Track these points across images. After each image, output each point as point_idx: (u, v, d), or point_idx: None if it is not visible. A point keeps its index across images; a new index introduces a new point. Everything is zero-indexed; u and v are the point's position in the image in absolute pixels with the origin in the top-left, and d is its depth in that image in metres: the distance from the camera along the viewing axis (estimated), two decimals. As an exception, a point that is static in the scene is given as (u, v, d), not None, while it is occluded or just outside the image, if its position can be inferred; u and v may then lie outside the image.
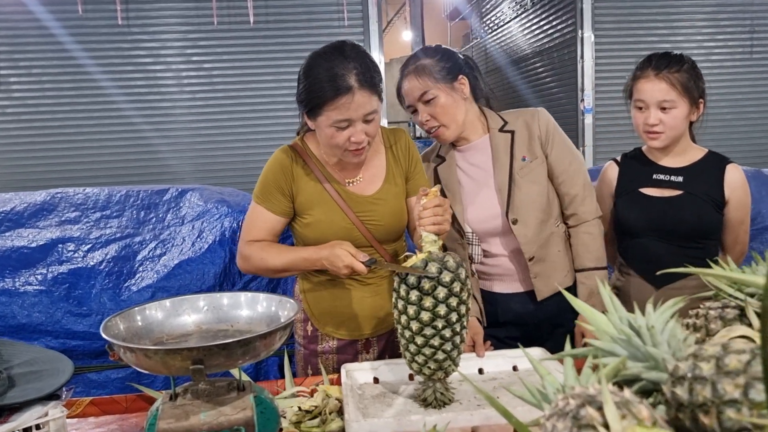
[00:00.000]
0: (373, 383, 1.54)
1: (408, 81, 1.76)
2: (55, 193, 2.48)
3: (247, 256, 1.64)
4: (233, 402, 0.96)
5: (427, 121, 1.75)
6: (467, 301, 1.29)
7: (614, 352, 0.79)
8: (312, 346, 1.78)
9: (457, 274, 1.25)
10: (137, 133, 5.71)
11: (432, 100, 1.73)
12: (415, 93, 1.74)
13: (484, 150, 1.82)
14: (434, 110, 1.74)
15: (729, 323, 1.00)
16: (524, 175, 1.77)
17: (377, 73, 1.51)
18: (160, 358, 0.86)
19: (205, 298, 1.10)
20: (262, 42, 5.72)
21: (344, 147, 1.53)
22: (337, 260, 1.47)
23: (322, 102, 1.47)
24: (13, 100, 5.58)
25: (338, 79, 1.44)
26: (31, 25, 5.48)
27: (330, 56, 1.48)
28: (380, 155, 1.72)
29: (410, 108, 1.79)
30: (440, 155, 1.89)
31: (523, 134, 1.80)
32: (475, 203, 1.82)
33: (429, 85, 1.73)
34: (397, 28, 11.73)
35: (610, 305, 0.84)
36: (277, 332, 0.95)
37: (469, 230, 1.82)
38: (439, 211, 1.32)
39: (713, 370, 0.63)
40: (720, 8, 6.21)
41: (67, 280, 2.18)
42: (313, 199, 1.64)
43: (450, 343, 1.27)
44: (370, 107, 1.49)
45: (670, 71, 1.77)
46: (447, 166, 1.86)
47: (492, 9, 8.90)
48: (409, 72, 1.76)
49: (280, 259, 1.61)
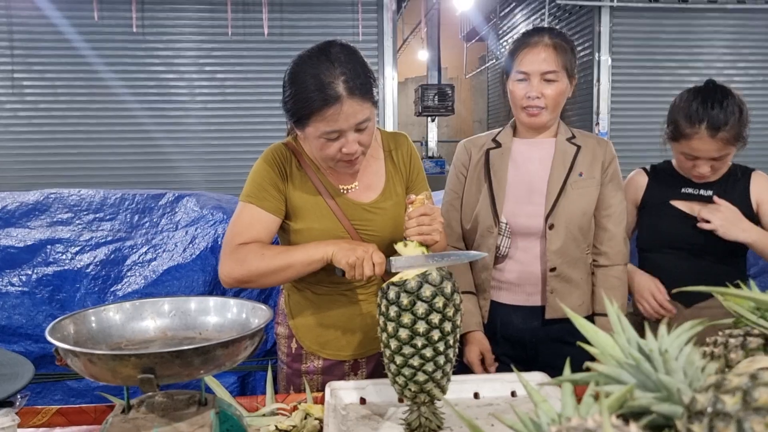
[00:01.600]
0: (359, 404, 1.43)
1: (543, 50, 1.69)
2: (49, 194, 2.42)
3: (242, 259, 1.42)
4: (191, 417, 0.86)
5: (537, 97, 1.70)
6: (454, 317, 1.17)
7: (620, 379, 0.68)
8: (296, 365, 1.66)
9: (440, 288, 1.14)
10: (148, 140, 5.70)
11: (553, 81, 1.69)
12: (544, 66, 1.68)
13: (546, 151, 1.79)
14: (548, 90, 1.70)
15: (751, 353, 0.88)
16: (576, 189, 1.74)
17: (369, 77, 1.37)
18: (105, 364, 0.76)
19: (170, 302, 1.00)
20: (276, 54, 5.70)
21: (336, 158, 1.42)
22: (360, 249, 1.30)
23: (309, 113, 1.33)
24: (26, 103, 5.59)
25: (325, 88, 1.30)
26: (46, 30, 5.51)
27: (316, 61, 1.34)
28: (379, 161, 1.60)
29: (522, 74, 1.72)
30: (497, 140, 1.84)
31: (588, 153, 1.77)
32: (518, 197, 1.77)
33: (560, 67, 1.69)
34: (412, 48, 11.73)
35: (617, 325, 0.73)
36: (242, 341, 0.85)
37: (504, 221, 1.76)
38: (425, 220, 1.21)
39: (739, 405, 0.52)
40: (741, 35, 6.12)
41: (52, 282, 2.10)
42: (305, 204, 1.52)
43: (432, 364, 1.15)
44: (362, 115, 1.35)
45: (725, 130, 1.70)
46: (501, 153, 1.81)
47: (508, 30, 8.87)
48: (548, 44, 1.70)
49: (280, 258, 1.41)
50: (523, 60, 1.71)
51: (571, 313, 0.78)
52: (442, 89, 8.11)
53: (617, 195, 1.79)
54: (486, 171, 1.80)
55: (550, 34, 1.72)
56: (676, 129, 1.78)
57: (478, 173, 1.82)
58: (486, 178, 1.80)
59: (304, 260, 1.40)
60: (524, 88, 1.72)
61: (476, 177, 1.82)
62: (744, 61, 6.15)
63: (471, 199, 1.82)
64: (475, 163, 1.83)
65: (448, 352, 1.15)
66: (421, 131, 9.52)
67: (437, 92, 8.09)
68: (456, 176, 1.89)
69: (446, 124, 12.65)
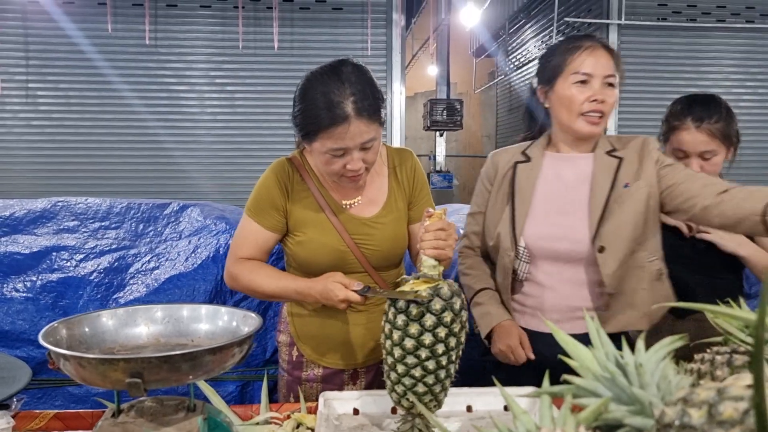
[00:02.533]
0: (353, 414, 1.43)
1: (603, 53, 1.60)
2: (57, 202, 2.45)
3: (235, 276, 1.55)
4: (179, 423, 0.87)
5: (603, 101, 1.58)
6: (459, 334, 1.18)
7: (597, 392, 0.69)
8: (296, 372, 1.68)
9: (449, 303, 1.15)
10: (158, 150, 5.76)
11: (613, 87, 1.61)
12: (606, 69, 1.59)
13: (582, 168, 1.66)
14: (609, 97, 1.59)
15: (737, 371, 0.89)
16: (621, 202, 1.59)
17: (378, 98, 1.41)
18: (94, 368, 0.78)
19: (163, 309, 1.02)
20: (286, 68, 5.76)
21: (340, 173, 1.45)
22: (331, 294, 1.37)
23: (316, 129, 1.38)
24: (39, 113, 5.67)
25: (334, 107, 1.34)
26: (61, 41, 5.60)
27: (327, 79, 1.38)
28: (382, 177, 1.63)
29: (584, 76, 1.59)
30: (526, 153, 1.72)
31: (633, 161, 1.63)
32: (546, 218, 1.64)
33: (614, 72, 1.61)
34: (421, 63, 11.80)
35: (596, 339, 0.74)
36: (229, 348, 0.86)
37: (523, 245, 1.64)
38: (442, 235, 1.22)
39: (704, 418, 0.53)
40: (749, 54, 6.11)
41: (56, 289, 2.13)
42: (307, 218, 1.55)
43: (433, 376, 1.17)
44: (368, 135, 1.39)
45: (710, 122, 1.76)
46: (530, 168, 1.68)
47: (518, 47, 8.91)
48: (605, 48, 1.62)
49: (270, 285, 1.52)
50: (585, 62, 1.59)
51: (552, 325, 0.79)
52: (451, 104, 8.15)
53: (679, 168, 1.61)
54: (511, 187, 1.69)
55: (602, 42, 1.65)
56: (667, 126, 1.84)
57: (503, 188, 1.71)
58: (509, 195, 1.68)
59: (291, 296, 1.55)
60: (586, 91, 1.58)
61: (501, 192, 1.71)
62: (752, 80, 6.14)
63: (495, 215, 1.72)
64: (501, 176, 1.72)
65: (449, 366, 1.16)
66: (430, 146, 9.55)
67: (446, 107, 8.13)
68: (481, 189, 1.79)
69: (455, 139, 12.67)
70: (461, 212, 2.87)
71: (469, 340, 2.15)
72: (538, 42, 8.00)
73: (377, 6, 5.87)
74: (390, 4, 5.85)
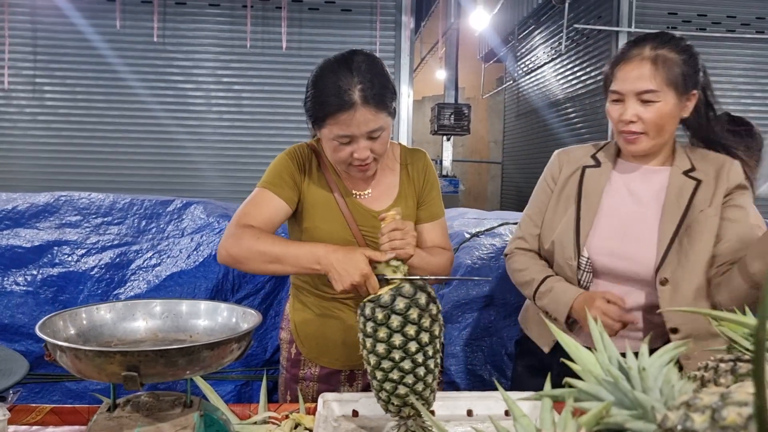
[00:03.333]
0: (351, 416, 1.42)
1: (639, 65, 1.42)
2: (60, 196, 2.45)
3: (239, 235, 1.42)
4: (175, 419, 0.86)
5: (633, 122, 1.43)
6: (431, 328, 1.16)
7: (599, 396, 0.68)
8: (294, 370, 1.68)
9: (413, 300, 1.14)
10: (163, 147, 5.78)
11: (653, 102, 1.42)
12: (639, 84, 1.41)
13: (654, 183, 1.52)
14: (648, 113, 1.42)
15: (740, 379, 0.87)
16: (696, 228, 1.45)
17: (387, 89, 1.42)
18: (90, 360, 0.77)
19: (162, 303, 1.01)
20: (293, 68, 5.77)
21: (347, 161, 1.46)
22: (357, 264, 1.24)
23: (324, 115, 1.40)
24: (45, 108, 5.70)
25: (341, 94, 1.36)
26: (69, 37, 5.62)
27: (337, 68, 1.40)
28: (394, 173, 1.63)
29: (616, 95, 1.46)
30: (596, 157, 1.60)
31: (710, 184, 1.48)
32: (609, 231, 1.52)
33: (661, 84, 1.40)
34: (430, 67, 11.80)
35: (599, 342, 0.73)
36: (227, 344, 0.85)
37: (586, 255, 1.52)
38: (397, 235, 1.23)
39: (707, 423, 0.52)
40: (759, 65, 6.09)
41: (57, 283, 2.12)
42: (318, 203, 1.55)
43: (412, 376, 1.15)
44: (375, 124, 1.40)
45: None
46: (599, 174, 1.56)
47: (527, 53, 8.90)
48: (647, 57, 1.42)
49: (277, 248, 1.38)
50: (618, 78, 1.45)
51: (553, 326, 0.77)
52: (459, 109, 8.15)
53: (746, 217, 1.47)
54: (578, 191, 1.57)
55: (654, 44, 1.44)
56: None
57: (567, 191, 1.60)
58: (576, 199, 1.57)
59: (300, 258, 1.36)
60: (619, 110, 1.46)
61: (565, 195, 1.60)
62: (761, 91, 6.12)
63: (554, 218, 1.60)
64: (566, 177, 1.61)
65: (428, 363, 1.15)
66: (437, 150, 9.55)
67: (453, 111, 8.12)
68: (543, 189, 1.66)
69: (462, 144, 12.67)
70: (466, 216, 2.86)
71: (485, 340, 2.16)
72: (547, 48, 8.00)
73: (386, 8, 5.87)
74: (399, 6, 5.86)
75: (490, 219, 2.69)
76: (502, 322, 2.19)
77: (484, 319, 2.21)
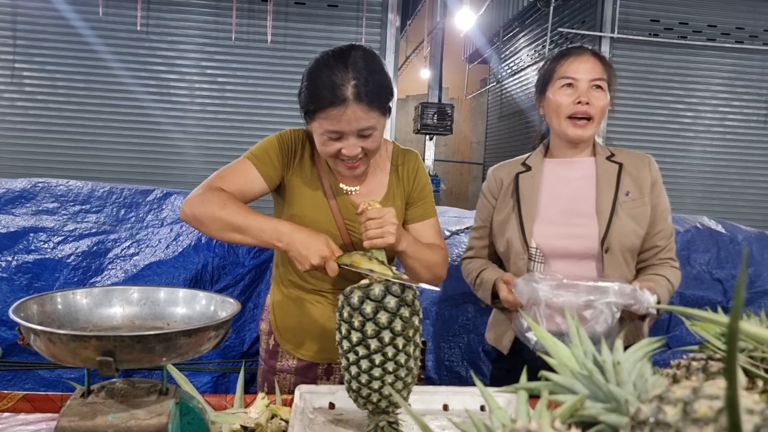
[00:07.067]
0: (328, 408, 1.42)
1: (591, 59, 1.64)
2: (37, 182, 2.42)
3: (206, 196, 1.39)
4: (150, 406, 0.86)
5: (587, 103, 1.61)
6: (392, 326, 1.15)
7: (574, 389, 0.69)
8: (272, 361, 1.67)
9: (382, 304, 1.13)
10: (145, 137, 5.71)
11: (602, 90, 1.63)
12: (594, 73, 1.62)
13: (585, 170, 1.71)
14: (597, 100, 1.62)
15: (712, 377, 0.89)
16: (626, 210, 1.65)
17: (383, 87, 1.40)
18: (65, 345, 0.76)
19: (140, 290, 1.00)
20: (278, 62, 5.74)
21: (336, 157, 1.45)
22: (318, 246, 1.28)
23: (315, 108, 1.38)
24: (24, 93, 5.59)
25: (334, 89, 1.35)
26: (49, 22, 5.53)
27: (333, 62, 1.38)
28: (384, 172, 1.62)
29: (569, 80, 1.64)
30: (526, 164, 1.77)
31: (632, 171, 1.69)
32: (553, 219, 1.69)
33: (603, 76, 1.63)
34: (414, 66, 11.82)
35: (576, 337, 0.74)
36: (205, 331, 0.85)
37: (534, 246, 1.68)
38: (371, 224, 1.26)
39: (679, 415, 0.53)
40: (737, 74, 6.20)
41: (32, 270, 2.09)
42: (305, 191, 1.54)
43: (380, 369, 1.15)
44: (366, 122, 1.38)
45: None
46: (531, 176, 1.73)
47: (511, 55, 8.95)
48: (594, 55, 1.66)
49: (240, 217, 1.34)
50: (570, 67, 1.64)
51: (531, 321, 0.78)
52: (442, 108, 8.17)
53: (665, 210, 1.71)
54: (516, 196, 1.73)
55: (592, 51, 1.68)
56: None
57: (507, 198, 1.75)
58: (515, 203, 1.72)
59: (264, 230, 1.35)
60: (572, 95, 1.63)
61: (506, 202, 1.76)
62: (738, 100, 6.23)
63: (502, 225, 1.75)
64: (506, 188, 1.76)
65: (386, 365, 1.12)
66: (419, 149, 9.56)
67: (437, 111, 8.14)
68: (484, 205, 1.83)
69: (444, 144, 12.71)
70: (447, 215, 2.87)
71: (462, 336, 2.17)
72: (531, 51, 8.05)
73: (373, 6, 5.86)
74: (385, 4, 5.85)
75: (470, 218, 2.70)
76: (480, 319, 2.21)
77: (461, 315, 2.22)
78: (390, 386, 1.13)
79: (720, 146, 6.22)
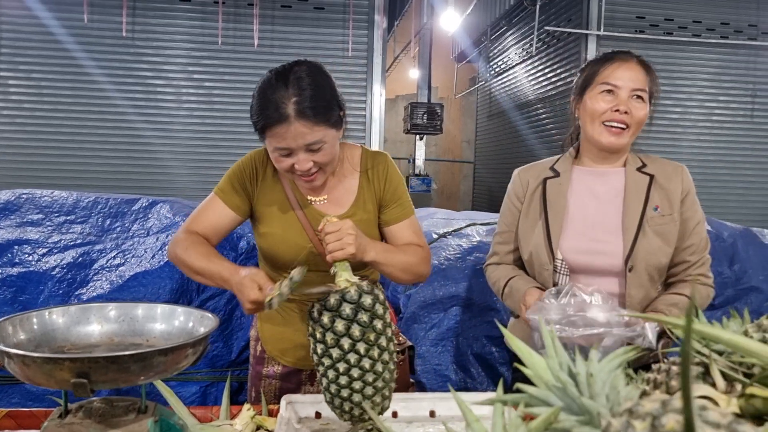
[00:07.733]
0: (315, 418, 1.42)
1: (635, 67, 1.58)
2: (21, 194, 2.40)
3: (180, 240, 1.48)
4: (128, 425, 0.85)
5: (626, 112, 1.55)
6: (351, 333, 1.14)
7: (548, 402, 0.69)
8: (258, 367, 1.69)
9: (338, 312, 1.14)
10: (132, 144, 5.68)
11: (642, 101, 1.57)
12: (636, 83, 1.56)
13: (614, 183, 1.65)
14: (635, 110, 1.56)
15: (691, 381, 0.89)
16: (654, 227, 1.59)
17: (326, 101, 1.41)
18: (39, 367, 0.76)
19: (118, 307, 1.00)
20: (265, 66, 5.66)
21: (291, 171, 1.46)
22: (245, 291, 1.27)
23: (262, 127, 1.41)
24: (9, 102, 5.55)
25: (277, 107, 1.37)
26: (34, 30, 5.49)
27: (275, 80, 1.41)
28: (352, 178, 1.62)
29: (608, 86, 1.58)
30: (555, 169, 1.71)
31: (663, 184, 1.62)
32: (580, 232, 1.64)
33: (645, 87, 1.58)
34: (403, 66, 11.82)
35: (551, 348, 0.74)
36: (183, 348, 0.84)
37: (560, 257, 1.63)
38: (330, 238, 1.28)
39: (647, 429, 0.53)
40: (723, 70, 6.23)
41: (16, 283, 2.08)
42: (272, 209, 1.55)
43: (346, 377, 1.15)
44: (312, 137, 1.39)
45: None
46: (559, 183, 1.67)
47: (499, 54, 8.97)
48: (639, 63, 1.60)
49: (199, 263, 1.42)
50: (613, 73, 1.58)
51: (508, 333, 0.78)
52: (432, 108, 8.17)
53: (698, 229, 1.64)
54: (543, 202, 1.68)
55: (638, 58, 1.62)
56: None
57: (534, 204, 1.70)
58: (542, 210, 1.67)
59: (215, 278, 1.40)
60: (611, 101, 1.57)
61: (533, 208, 1.70)
62: (725, 95, 6.26)
63: (527, 232, 1.70)
64: (531, 192, 1.71)
65: (353, 372, 1.13)
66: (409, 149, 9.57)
67: (426, 111, 8.14)
68: (509, 209, 1.76)
69: (434, 143, 12.71)
70: (435, 216, 2.87)
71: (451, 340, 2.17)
72: (518, 50, 8.07)
73: (359, 7, 5.86)
74: (372, 5, 5.85)
75: (458, 219, 2.70)
76: (468, 323, 2.21)
77: (450, 319, 2.22)
78: (359, 393, 1.14)
79: (707, 141, 6.25)
